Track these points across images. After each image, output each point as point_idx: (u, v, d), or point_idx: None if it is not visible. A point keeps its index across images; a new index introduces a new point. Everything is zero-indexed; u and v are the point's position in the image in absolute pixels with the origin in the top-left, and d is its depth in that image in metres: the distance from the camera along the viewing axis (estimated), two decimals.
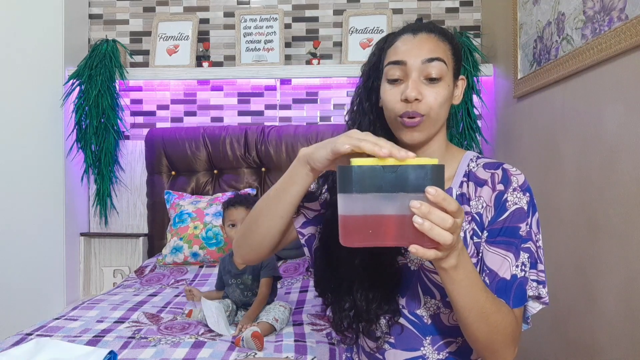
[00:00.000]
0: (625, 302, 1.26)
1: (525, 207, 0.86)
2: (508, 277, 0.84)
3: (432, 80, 0.86)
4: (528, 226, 0.86)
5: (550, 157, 1.68)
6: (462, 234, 0.88)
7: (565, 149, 1.57)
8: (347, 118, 1.00)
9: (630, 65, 1.24)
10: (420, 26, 0.90)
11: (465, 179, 0.92)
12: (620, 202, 1.28)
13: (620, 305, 1.27)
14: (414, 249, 0.63)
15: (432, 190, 0.61)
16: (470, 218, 0.89)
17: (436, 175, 0.62)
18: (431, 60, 0.85)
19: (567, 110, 1.57)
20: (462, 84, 0.94)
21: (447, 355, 0.91)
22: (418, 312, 0.91)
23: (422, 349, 0.91)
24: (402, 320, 0.92)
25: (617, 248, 1.29)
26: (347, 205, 0.63)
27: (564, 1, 1.57)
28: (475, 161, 0.93)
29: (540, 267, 0.86)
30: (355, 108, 0.98)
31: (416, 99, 0.85)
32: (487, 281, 0.85)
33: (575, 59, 1.48)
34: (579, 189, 1.48)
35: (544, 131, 1.73)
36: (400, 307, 0.92)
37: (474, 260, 0.88)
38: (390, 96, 0.88)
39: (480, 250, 0.87)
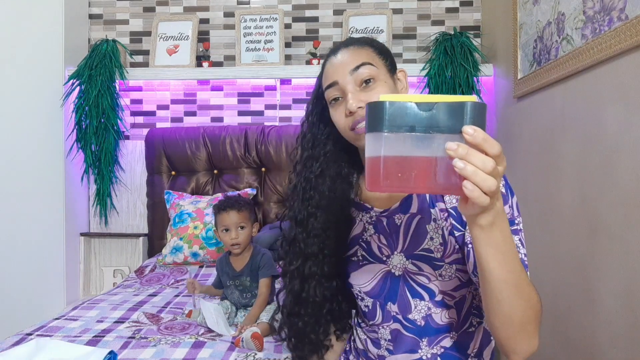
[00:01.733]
0: (625, 302, 1.26)
1: (503, 190, 0.84)
2: None
3: (367, 83, 0.89)
4: (510, 208, 0.84)
5: (550, 157, 1.68)
6: (440, 232, 0.88)
7: (565, 149, 1.57)
8: (304, 155, 1.03)
9: (630, 65, 1.24)
10: (338, 46, 0.95)
11: None
12: (620, 202, 1.28)
13: (620, 305, 1.27)
14: (469, 191, 0.55)
15: (470, 130, 0.55)
16: (446, 214, 0.89)
17: (477, 114, 0.55)
18: (357, 67, 0.89)
19: (567, 110, 1.57)
20: (402, 75, 0.97)
21: (442, 349, 0.92)
22: (410, 316, 0.92)
23: (419, 351, 0.93)
24: (398, 326, 0.94)
25: (617, 248, 1.29)
26: (376, 145, 0.57)
27: (564, 1, 1.57)
28: None
29: (524, 250, 0.84)
30: (306, 140, 1.02)
31: (359, 107, 0.87)
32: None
33: (575, 59, 1.48)
34: (579, 189, 1.48)
35: (544, 131, 1.73)
36: (394, 313, 0.94)
37: (456, 256, 0.88)
38: (338, 115, 0.91)
39: (468, 242, 0.85)
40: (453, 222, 0.88)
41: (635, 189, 1.21)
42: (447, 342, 0.92)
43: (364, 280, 0.98)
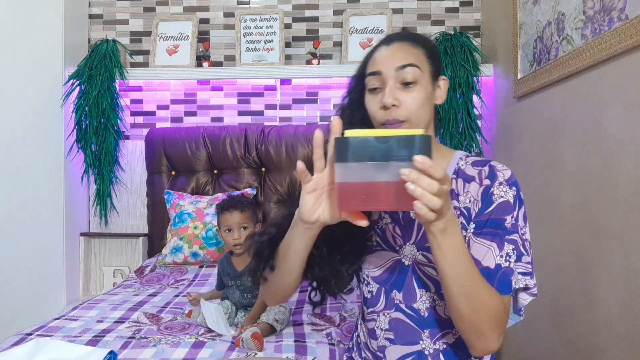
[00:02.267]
0: (625, 302, 1.26)
1: (512, 201, 0.90)
2: (492, 266, 0.87)
3: (407, 84, 0.91)
4: (514, 219, 0.89)
5: (550, 157, 1.68)
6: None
7: (565, 149, 1.57)
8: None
9: (630, 65, 1.24)
10: (393, 36, 0.96)
11: (454, 176, 0.96)
12: (620, 202, 1.28)
13: (620, 305, 1.27)
14: (418, 208, 0.67)
15: (419, 159, 0.66)
16: (458, 213, 0.93)
17: (423, 145, 0.67)
18: (404, 67, 0.91)
19: (567, 110, 1.57)
20: (443, 83, 0.98)
21: (444, 346, 0.94)
22: (415, 305, 0.94)
23: (420, 342, 0.94)
24: (400, 315, 0.96)
25: (617, 248, 1.29)
26: (344, 173, 0.69)
27: (564, 1, 1.57)
28: (465, 159, 0.97)
29: (527, 258, 0.89)
30: (345, 115, 1.02)
31: (393, 105, 0.90)
32: None
33: (575, 59, 1.48)
34: (579, 189, 1.48)
35: (544, 131, 1.73)
36: (398, 302, 0.96)
37: None
38: (372, 105, 0.94)
39: (467, 241, 0.90)
40: (463, 221, 0.92)
41: (635, 189, 1.21)
42: (449, 339, 0.94)
43: (373, 265, 1.00)
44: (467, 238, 0.91)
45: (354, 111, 1.00)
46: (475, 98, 2.31)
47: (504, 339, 0.97)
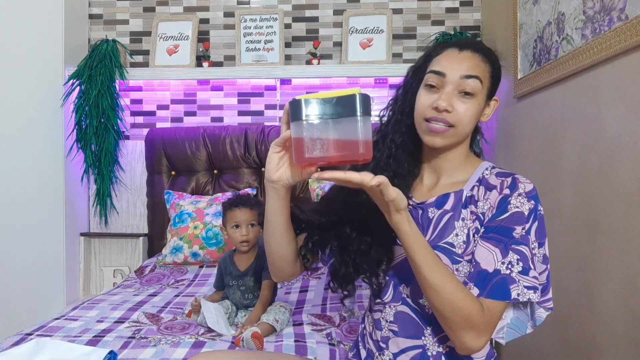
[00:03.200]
0: (625, 302, 1.26)
1: (526, 213, 0.90)
2: (490, 270, 0.87)
3: (465, 94, 0.93)
4: (524, 230, 0.89)
5: (550, 157, 1.68)
6: (465, 231, 0.93)
7: (565, 149, 1.57)
8: (381, 113, 1.07)
9: (630, 65, 1.24)
10: (468, 43, 0.97)
11: (477, 184, 0.97)
12: (620, 202, 1.28)
13: (620, 305, 1.27)
14: (375, 182, 0.75)
15: (374, 182, 0.76)
16: (475, 217, 0.94)
17: (362, 102, 0.76)
18: (469, 77, 0.92)
19: (567, 110, 1.57)
20: (494, 104, 1.01)
21: (447, 349, 0.95)
22: (421, 301, 0.96)
23: (422, 338, 0.96)
24: (405, 308, 0.97)
25: (617, 248, 1.29)
26: (297, 130, 0.77)
27: (564, 1, 1.57)
28: (490, 170, 0.99)
29: (533, 273, 0.88)
30: (391, 106, 1.05)
31: (446, 110, 0.91)
32: (471, 271, 0.89)
33: (575, 59, 1.48)
34: (579, 188, 1.48)
35: (544, 131, 1.73)
36: (405, 295, 0.97)
37: (470, 257, 0.92)
38: (424, 100, 0.95)
39: (474, 244, 0.91)
40: (478, 225, 0.93)
41: (635, 189, 1.21)
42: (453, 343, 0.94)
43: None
44: (475, 241, 0.91)
45: (406, 101, 1.02)
46: None
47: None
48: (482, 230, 0.91)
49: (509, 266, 0.87)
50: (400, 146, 1.01)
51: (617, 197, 1.29)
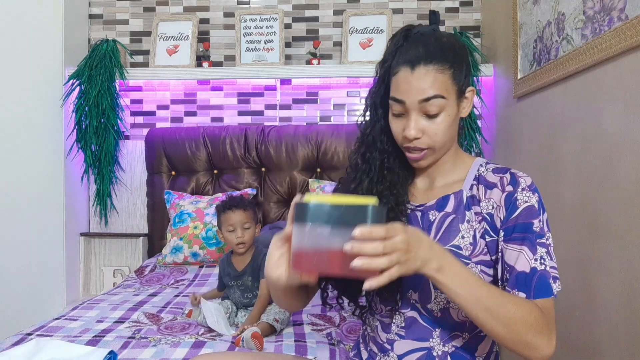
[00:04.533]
0: (625, 302, 1.26)
1: (536, 206, 0.89)
2: (527, 269, 0.86)
3: (431, 115, 0.90)
4: (541, 222, 0.89)
5: (550, 157, 1.68)
6: (471, 233, 0.92)
7: (565, 149, 1.57)
8: (360, 120, 1.04)
9: (630, 65, 1.24)
10: (419, 56, 0.89)
11: (475, 182, 0.96)
12: (620, 202, 1.28)
13: (620, 305, 1.27)
14: (367, 285, 0.70)
15: (357, 232, 0.68)
16: (480, 218, 0.93)
17: (374, 215, 0.69)
18: (428, 99, 0.89)
19: (567, 110, 1.57)
20: (470, 94, 0.97)
21: (453, 348, 0.94)
22: (429, 306, 0.95)
23: (430, 340, 0.95)
24: (415, 314, 0.96)
25: (617, 248, 1.29)
26: (299, 237, 0.71)
27: (564, 1, 1.57)
28: (485, 166, 0.98)
29: (553, 264, 0.89)
30: (369, 112, 1.02)
31: (416, 138, 0.90)
32: (507, 277, 0.88)
33: (575, 59, 1.48)
34: (579, 188, 1.48)
35: (544, 131, 1.73)
36: (413, 301, 0.96)
37: (483, 257, 0.92)
38: (396, 128, 0.94)
39: (500, 250, 0.90)
40: (486, 226, 0.92)
41: (635, 189, 1.21)
42: (458, 342, 0.94)
43: None
44: (493, 245, 0.91)
45: (386, 105, 0.98)
46: (475, 98, 2.31)
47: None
48: (501, 235, 0.90)
49: (542, 261, 0.86)
50: (392, 154, 0.99)
51: (617, 197, 1.29)
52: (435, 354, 0.94)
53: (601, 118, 1.37)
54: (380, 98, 0.99)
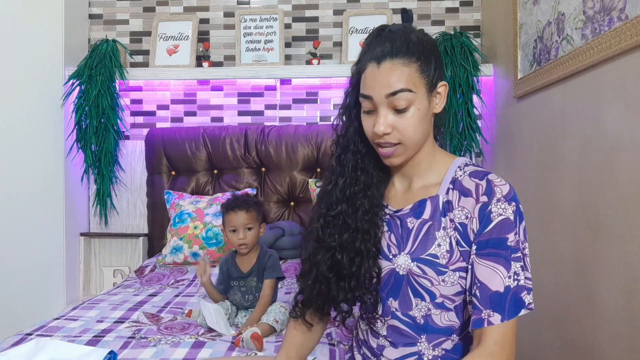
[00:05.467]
0: (625, 302, 1.26)
1: (512, 217, 0.87)
2: (501, 289, 0.85)
3: (399, 109, 0.89)
4: (517, 236, 0.87)
5: (550, 157, 1.68)
6: (447, 240, 0.91)
7: (565, 149, 1.57)
8: (335, 122, 1.04)
9: (630, 65, 1.24)
10: (386, 51, 0.89)
11: (451, 186, 0.94)
12: (620, 202, 1.28)
13: (620, 306, 1.27)
14: None
15: None
16: (453, 226, 0.91)
17: None
18: (395, 93, 0.88)
19: (567, 110, 1.57)
20: (443, 89, 0.95)
21: (443, 352, 0.94)
22: (410, 313, 0.94)
23: (418, 344, 0.95)
24: (396, 322, 0.95)
25: (617, 248, 1.29)
26: None
27: (564, 1, 1.57)
28: (463, 169, 0.94)
29: (527, 274, 0.87)
30: (343, 112, 1.02)
31: (385, 133, 0.89)
32: (478, 294, 0.86)
33: (575, 59, 1.48)
34: (579, 189, 1.48)
35: (544, 131, 1.73)
36: (394, 309, 0.95)
37: (460, 264, 0.90)
38: (367, 125, 0.94)
39: (470, 263, 0.88)
40: (458, 236, 0.90)
41: (635, 189, 1.21)
42: (448, 345, 0.94)
43: None
44: (466, 255, 0.89)
45: (350, 115, 1.00)
46: (475, 98, 2.31)
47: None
48: (474, 247, 0.88)
49: (516, 276, 0.85)
50: (366, 155, 0.99)
51: (617, 197, 1.29)
52: (425, 358, 0.94)
53: (601, 118, 1.37)
54: (355, 99, 0.98)
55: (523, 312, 0.87)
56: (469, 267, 0.89)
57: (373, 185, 0.98)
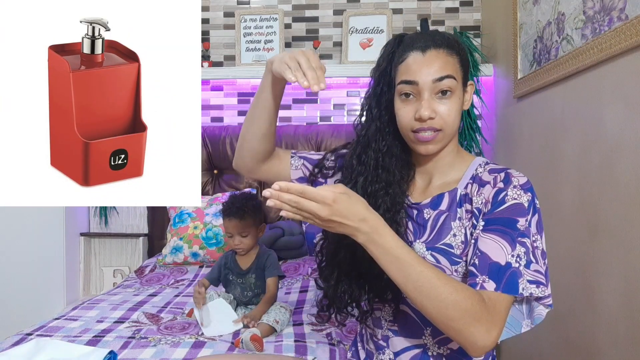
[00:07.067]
0: (625, 302, 1.26)
1: (526, 205, 0.87)
2: (502, 262, 0.84)
3: (443, 94, 0.91)
4: (527, 222, 0.87)
5: (550, 157, 1.68)
6: (463, 231, 0.92)
7: (565, 149, 1.57)
8: (356, 122, 1.05)
9: (630, 65, 1.24)
10: (429, 42, 0.92)
11: (471, 181, 0.95)
12: (620, 202, 1.28)
13: (620, 306, 1.27)
14: (271, 203, 0.75)
15: (276, 186, 0.74)
16: (470, 215, 0.92)
17: None
18: (442, 78, 0.90)
19: (567, 110, 1.57)
20: (470, 89, 0.99)
21: (448, 351, 0.95)
22: None
23: (423, 337, 0.96)
24: (405, 308, 0.97)
25: (617, 248, 1.29)
26: None
27: (564, 1, 1.57)
28: (483, 166, 0.97)
29: (535, 266, 0.85)
30: (365, 114, 1.03)
31: (430, 118, 0.90)
32: (477, 262, 0.85)
33: (575, 59, 1.48)
34: (579, 189, 1.48)
35: (544, 131, 1.73)
36: (405, 295, 0.95)
37: (464, 246, 0.91)
38: (404, 112, 0.93)
39: (475, 238, 0.88)
40: (475, 221, 0.91)
41: (635, 189, 1.21)
42: (454, 344, 0.94)
43: None
44: (474, 235, 0.89)
45: (381, 108, 1.00)
46: (475, 98, 2.31)
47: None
48: (481, 223, 0.88)
49: (518, 259, 0.84)
50: (387, 154, 0.99)
51: (617, 197, 1.29)
52: (430, 354, 0.94)
53: (601, 118, 1.37)
54: (376, 100, 1.00)
55: (544, 310, 0.88)
56: (472, 241, 0.88)
57: (395, 183, 0.98)
